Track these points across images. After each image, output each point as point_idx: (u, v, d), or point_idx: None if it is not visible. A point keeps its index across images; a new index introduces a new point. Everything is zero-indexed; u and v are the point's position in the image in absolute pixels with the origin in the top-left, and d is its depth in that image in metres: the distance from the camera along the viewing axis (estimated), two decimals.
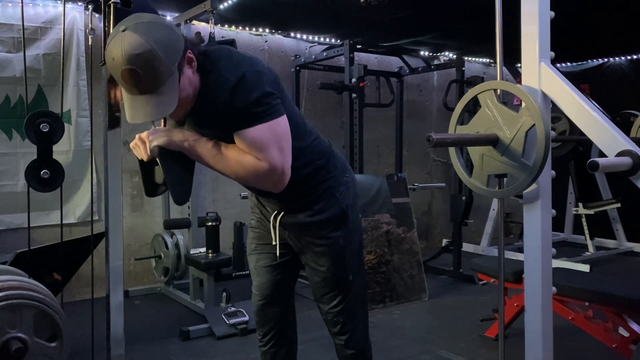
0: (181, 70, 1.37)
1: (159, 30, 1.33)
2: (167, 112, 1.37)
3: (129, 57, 1.28)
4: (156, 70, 1.30)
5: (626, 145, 1.38)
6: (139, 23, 1.32)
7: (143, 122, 1.38)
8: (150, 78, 1.31)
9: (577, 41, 4.80)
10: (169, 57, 1.32)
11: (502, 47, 1.66)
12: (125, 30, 1.30)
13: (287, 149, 1.46)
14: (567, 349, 2.83)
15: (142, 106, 1.34)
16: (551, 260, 1.60)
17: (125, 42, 1.28)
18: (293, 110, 1.62)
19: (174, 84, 1.34)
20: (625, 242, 5.35)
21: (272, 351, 1.85)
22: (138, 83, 1.31)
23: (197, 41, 1.47)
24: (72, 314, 2.77)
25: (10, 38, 3.52)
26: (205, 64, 1.44)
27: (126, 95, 1.37)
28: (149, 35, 1.29)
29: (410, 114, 5.52)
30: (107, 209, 2.19)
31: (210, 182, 4.42)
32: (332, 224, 1.67)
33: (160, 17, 1.45)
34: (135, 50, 1.27)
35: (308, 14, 4.15)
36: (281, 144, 1.45)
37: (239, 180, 1.57)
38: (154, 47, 1.28)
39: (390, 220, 3.91)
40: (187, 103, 1.43)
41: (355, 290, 1.74)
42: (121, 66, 1.29)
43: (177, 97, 1.36)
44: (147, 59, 1.28)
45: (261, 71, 1.45)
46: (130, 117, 1.37)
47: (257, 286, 1.84)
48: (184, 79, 1.38)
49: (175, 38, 1.36)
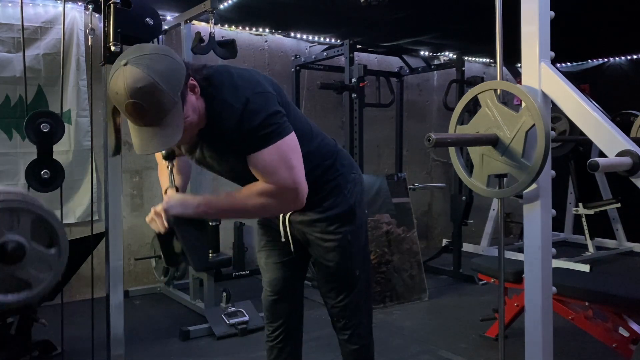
0: (184, 98, 1.39)
1: (160, 61, 1.35)
2: (174, 142, 1.39)
3: (132, 91, 1.29)
4: (159, 102, 1.32)
5: (626, 145, 1.38)
6: (140, 56, 1.34)
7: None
8: (154, 110, 1.33)
9: (577, 41, 4.79)
10: (172, 88, 1.34)
11: (502, 47, 1.66)
12: (126, 65, 1.32)
13: (298, 165, 1.50)
14: (567, 349, 2.83)
15: (149, 137, 1.37)
16: (551, 260, 1.60)
17: (127, 76, 1.30)
18: (297, 117, 1.65)
19: (178, 113, 1.37)
20: (625, 242, 5.35)
21: (280, 346, 1.89)
22: (143, 116, 1.34)
23: (198, 67, 1.50)
24: (72, 314, 2.78)
25: (10, 38, 3.52)
26: (208, 89, 1.47)
27: (132, 126, 1.39)
28: (150, 68, 1.31)
29: (410, 114, 5.52)
30: (107, 209, 2.19)
31: (210, 182, 4.41)
32: (341, 220, 1.71)
33: (161, 47, 1.46)
34: (138, 84, 1.29)
35: (308, 14, 4.15)
36: (290, 162, 1.48)
37: (266, 212, 1.62)
38: (155, 79, 1.30)
39: (390, 220, 3.91)
40: (193, 128, 1.46)
41: (360, 286, 1.78)
42: (125, 100, 1.31)
43: (182, 125, 1.38)
44: (149, 92, 1.30)
45: (263, 92, 1.48)
46: (139, 149, 1.39)
47: (268, 282, 1.88)
48: (188, 106, 1.41)
49: (177, 67, 1.38)
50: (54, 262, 1.43)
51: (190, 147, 1.60)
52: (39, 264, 1.41)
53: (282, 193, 1.49)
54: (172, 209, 1.51)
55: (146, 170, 4.18)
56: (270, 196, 1.49)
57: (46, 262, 1.42)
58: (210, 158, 1.59)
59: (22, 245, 1.35)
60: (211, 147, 1.55)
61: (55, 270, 1.44)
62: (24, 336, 2.51)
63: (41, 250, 1.41)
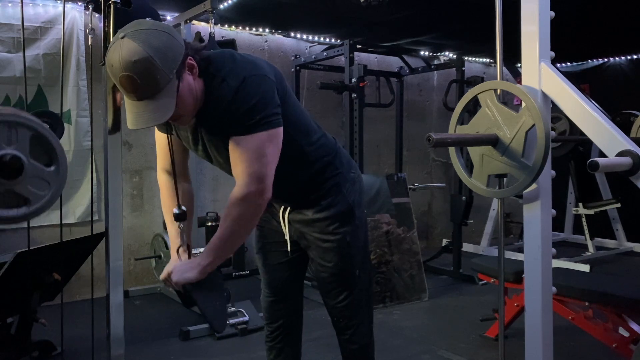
0: (180, 77, 1.38)
1: (158, 37, 1.34)
2: (165, 118, 1.38)
3: (126, 64, 1.30)
4: (153, 78, 1.32)
5: (626, 145, 1.38)
6: (138, 30, 1.33)
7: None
8: (147, 85, 1.32)
9: (577, 41, 4.79)
10: (167, 65, 1.33)
11: (502, 47, 1.66)
12: (124, 38, 1.32)
13: (272, 161, 1.47)
14: (567, 349, 2.83)
15: (140, 113, 1.36)
16: (551, 260, 1.60)
17: (123, 49, 1.30)
18: (298, 109, 1.64)
19: (172, 90, 1.36)
20: (625, 242, 5.35)
21: (279, 347, 1.89)
22: (135, 89, 1.33)
23: (199, 47, 1.48)
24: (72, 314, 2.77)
25: (10, 38, 3.52)
26: (208, 70, 1.46)
27: (126, 100, 1.39)
28: (146, 43, 1.31)
29: (410, 114, 5.52)
30: (107, 209, 2.18)
31: (210, 182, 4.42)
32: (339, 219, 1.70)
33: (161, 24, 1.45)
34: (132, 58, 1.29)
35: (308, 14, 4.15)
36: (266, 157, 1.46)
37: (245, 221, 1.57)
38: (151, 54, 1.30)
39: (390, 220, 3.90)
40: (189, 109, 1.45)
41: (360, 286, 1.77)
42: (119, 73, 1.31)
43: (174, 103, 1.37)
44: (144, 67, 1.30)
45: (262, 75, 1.46)
46: (131, 124, 1.38)
47: (267, 283, 1.88)
48: (184, 85, 1.39)
49: (174, 45, 1.37)
50: (53, 180, 1.42)
51: (192, 139, 1.59)
52: (38, 181, 1.39)
53: (249, 184, 1.45)
54: (180, 279, 1.51)
55: (146, 170, 4.18)
56: (241, 199, 1.46)
57: (44, 179, 1.41)
58: (210, 145, 1.57)
59: (21, 159, 1.34)
60: (208, 131, 1.53)
61: (53, 187, 1.42)
62: (24, 336, 2.51)
63: (40, 167, 1.39)
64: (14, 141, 1.35)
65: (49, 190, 1.43)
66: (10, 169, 1.34)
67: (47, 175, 1.42)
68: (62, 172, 1.45)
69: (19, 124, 1.35)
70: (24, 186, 1.38)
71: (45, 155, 1.42)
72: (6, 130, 1.34)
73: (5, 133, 1.34)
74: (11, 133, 1.35)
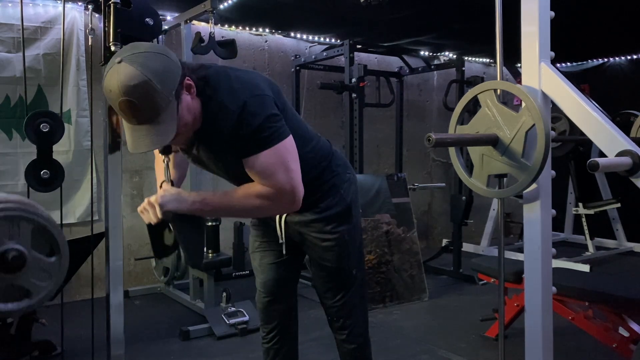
0: (179, 98, 1.37)
1: (155, 59, 1.33)
2: (167, 141, 1.38)
3: (125, 88, 1.28)
4: (153, 101, 1.31)
5: (626, 145, 1.38)
6: (135, 54, 1.32)
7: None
8: (147, 109, 1.31)
9: (577, 41, 4.79)
10: (166, 87, 1.32)
11: (502, 47, 1.66)
12: (120, 62, 1.30)
13: (296, 168, 1.49)
14: (567, 349, 2.83)
15: (142, 136, 1.35)
16: (551, 260, 1.60)
17: (121, 74, 1.29)
18: (295, 119, 1.65)
19: (172, 112, 1.35)
20: (625, 242, 5.35)
21: (276, 347, 1.90)
22: (136, 114, 1.32)
23: (195, 66, 1.48)
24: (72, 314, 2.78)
25: (10, 38, 3.52)
26: (205, 90, 1.45)
27: (126, 124, 1.38)
28: (144, 66, 1.30)
29: (410, 114, 5.52)
30: (107, 209, 2.18)
31: (210, 181, 4.41)
32: (338, 219, 1.72)
33: (157, 45, 1.45)
34: (131, 82, 1.28)
35: (308, 14, 4.15)
36: (288, 165, 1.47)
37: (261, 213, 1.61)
38: (149, 77, 1.29)
39: (390, 220, 3.90)
40: (187, 129, 1.45)
41: (356, 285, 1.79)
42: (118, 98, 1.30)
43: (175, 125, 1.37)
44: (143, 90, 1.29)
45: (261, 95, 1.47)
46: (132, 147, 1.37)
47: (262, 283, 1.88)
48: (183, 106, 1.39)
49: (172, 66, 1.36)
50: (54, 271, 1.42)
51: (187, 146, 1.59)
52: (39, 272, 1.40)
53: (279, 196, 1.47)
54: (168, 204, 1.47)
55: (146, 170, 4.18)
56: (267, 198, 1.48)
57: (46, 270, 1.41)
58: (206, 158, 1.58)
59: (23, 254, 1.34)
60: (207, 148, 1.55)
61: (55, 278, 1.43)
62: (24, 336, 2.51)
63: (41, 259, 1.40)
64: (16, 235, 1.34)
65: (51, 281, 1.42)
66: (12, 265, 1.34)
67: (49, 267, 1.42)
68: (63, 262, 1.45)
69: (22, 218, 1.35)
70: (26, 279, 1.38)
71: (47, 245, 1.42)
72: (8, 225, 1.33)
73: (7, 228, 1.33)
74: (13, 227, 1.35)
